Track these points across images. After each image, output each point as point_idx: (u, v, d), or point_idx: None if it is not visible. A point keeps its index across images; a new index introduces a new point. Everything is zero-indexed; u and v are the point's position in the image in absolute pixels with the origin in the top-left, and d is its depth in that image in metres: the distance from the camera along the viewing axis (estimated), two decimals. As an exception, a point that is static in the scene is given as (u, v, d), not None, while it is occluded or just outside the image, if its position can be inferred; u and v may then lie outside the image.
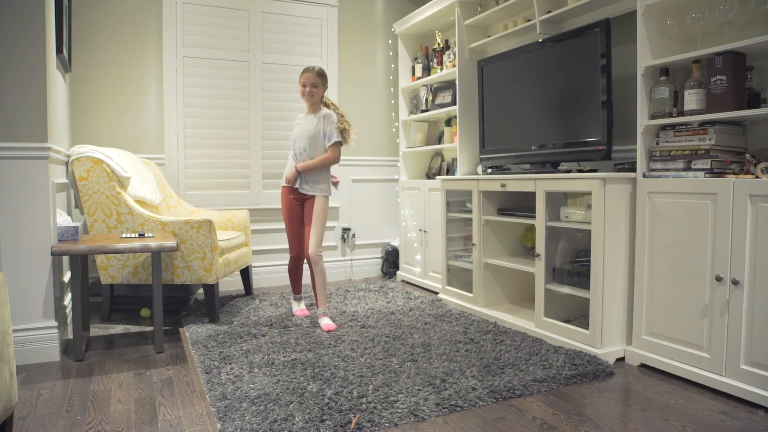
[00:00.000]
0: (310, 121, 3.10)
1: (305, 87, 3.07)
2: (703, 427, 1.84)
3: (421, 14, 4.13)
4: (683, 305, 2.24)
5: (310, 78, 3.07)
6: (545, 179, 2.74)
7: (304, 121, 3.15)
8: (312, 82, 3.06)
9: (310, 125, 3.09)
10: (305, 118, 3.15)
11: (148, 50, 3.88)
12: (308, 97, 3.08)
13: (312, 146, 3.08)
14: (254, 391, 2.09)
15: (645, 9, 2.38)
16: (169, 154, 3.96)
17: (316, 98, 3.10)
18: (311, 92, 3.07)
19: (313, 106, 3.12)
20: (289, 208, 3.16)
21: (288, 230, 3.20)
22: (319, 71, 3.08)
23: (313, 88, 3.07)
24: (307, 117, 3.14)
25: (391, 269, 4.61)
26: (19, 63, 2.40)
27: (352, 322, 3.10)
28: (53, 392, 2.14)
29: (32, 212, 2.45)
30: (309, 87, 3.06)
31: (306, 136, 3.08)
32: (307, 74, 3.07)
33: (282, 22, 4.26)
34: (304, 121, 3.14)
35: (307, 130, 3.09)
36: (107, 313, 3.20)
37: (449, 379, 2.20)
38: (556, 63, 2.92)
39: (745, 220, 2.00)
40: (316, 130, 3.08)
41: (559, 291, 2.75)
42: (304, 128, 3.11)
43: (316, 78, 3.07)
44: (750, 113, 2.04)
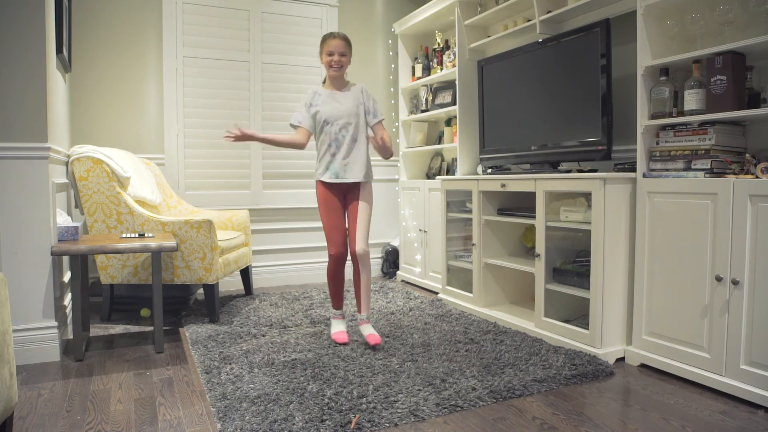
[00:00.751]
0: (345, 98, 2.68)
1: (332, 56, 2.62)
2: (703, 427, 1.84)
3: (421, 14, 4.13)
4: (683, 305, 2.24)
5: (338, 46, 2.62)
6: (545, 179, 2.74)
7: (332, 99, 2.68)
8: (341, 50, 2.63)
9: (348, 102, 2.67)
10: (333, 95, 2.69)
11: (148, 50, 3.88)
12: (336, 69, 2.64)
13: (355, 126, 2.66)
14: (254, 391, 2.09)
15: (645, 9, 2.38)
16: (169, 154, 3.96)
17: (344, 70, 2.67)
18: (340, 62, 2.63)
19: (338, 79, 2.69)
20: (328, 200, 2.69)
21: (328, 223, 2.68)
22: (345, 37, 2.67)
23: (341, 57, 2.63)
24: (334, 93, 2.69)
25: (391, 269, 4.61)
26: (19, 63, 2.40)
27: (352, 322, 3.10)
28: (53, 392, 2.14)
29: (32, 212, 2.45)
30: (337, 56, 2.62)
31: (346, 115, 2.64)
32: (335, 41, 2.63)
33: (282, 22, 4.27)
34: (333, 99, 2.68)
35: (346, 107, 2.66)
36: (107, 313, 3.20)
37: (449, 379, 2.20)
38: (556, 63, 2.92)
39: (745, 220, 2.00)
40: (356, 106, 2.67)
41: (559, 291, 2.75)
42: (340, 106, 2.65)
43: (344, 45, 2.65)
44: (750, 113, 2.04)
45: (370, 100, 2.73)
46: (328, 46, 2.63)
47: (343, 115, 2.65)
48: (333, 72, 2.65)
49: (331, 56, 2.63)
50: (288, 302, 3.59)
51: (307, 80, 4.36)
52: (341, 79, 2.71)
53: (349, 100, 2.68)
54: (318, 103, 2.68)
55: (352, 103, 2.67)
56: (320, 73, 4.41)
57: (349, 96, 2.69)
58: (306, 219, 4.40)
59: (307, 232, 4.42)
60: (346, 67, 2.68)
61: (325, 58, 2.65)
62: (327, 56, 2.64)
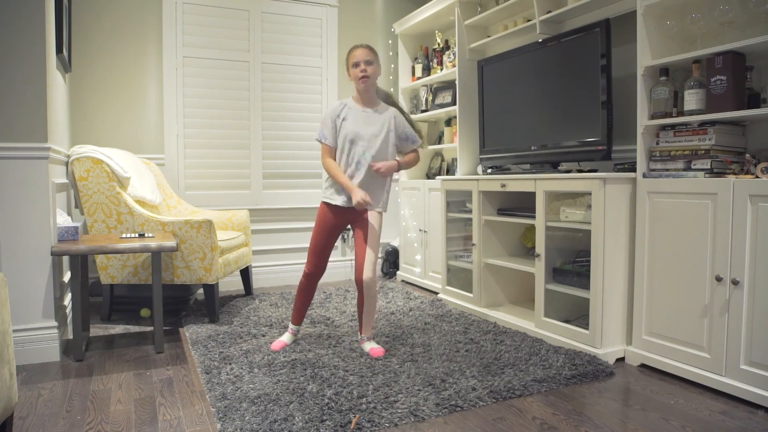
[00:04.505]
0: (372, 119, 2.50)
1: (358, 66, 2.44)
2: (703, 427, 1.84)
3: (421, 14, 4.13)
4: (683, 305, 2.24)
5: (362, 54, 2.45)
6: (545, 179, 2.74)
7: (360, 116, 2.50)
8: (366, 58, 2.44)
9: (374, 123, 2.49)
10: (361, 113, 2.51)
11: (148, 50, 3.88)
12: (363, 81, 2.45)
13: (380, 149, 2.48)
14: (254, 391, 2.09)
15: (645, 9, 2.38)
16: (169, 154, 3.96)
17: (373, 80, 2.48)
18: (366, 71, 2.44)
19: (367, 92, 2.50)
20: (328, 224, 2.55)
21: (314, 243, 2.57)
22: (368, 45, 2.50)
23: (368, 66, 2.44)
24: (364, 111, 2.51)
25: (391, 269, 4.61)
26: (19, 63, 2.40)
27: (352, 322, 3.10)
28: (53, 392, 2.14)
29: (32, 212, 2.45)
30: (363, 65, 2.44)
31: (369, 136, 2.47)
32: (357, 50, 2.46)
33: (282, 22, 4.27)
34: (360, 117, 2.50)
35: (375, 130, 2.48)
36: (107, 313, 3.20)
37: (449, 379, 2.20)
38: (556, 63, 2.92)
39: (745, 220, 2.00)
40: (382, 130, 2.50)
41: (559, 291, 2.74)
42: (366, 126, 2.48)
43: (369, 53, 2.46)
44: (750, 113, 2.04)
45: (404, 127, 2.55)
46: (352, 57, 2.48)
47: (370, 137, 2.46)
48: (362, 85, 2.46)
49: (357, 67, 2.46)
50: (288, 302, 3.59)
51: (307, 80, 4.36)
52: (371, 94, 2.53)
53: (378, 123, 2.49)
54: (347, 116, 2.49)
55: (381, 127, 2.49)
56: (320, 73, 4.42)
57: (379, 119, 2.50)
58: (306, 219, 4.40)
59: (307, 232, 4.42)
60: (375, 78, 2.49)
61: (352, 71, 2.48)
62: (353, 68, 2.47)
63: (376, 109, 2.53)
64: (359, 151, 2.46)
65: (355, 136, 2.46)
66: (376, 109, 2.53)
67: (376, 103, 2.56)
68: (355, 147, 2.47)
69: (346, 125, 2.48)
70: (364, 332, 2.61)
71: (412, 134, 2.58)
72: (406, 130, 2.57)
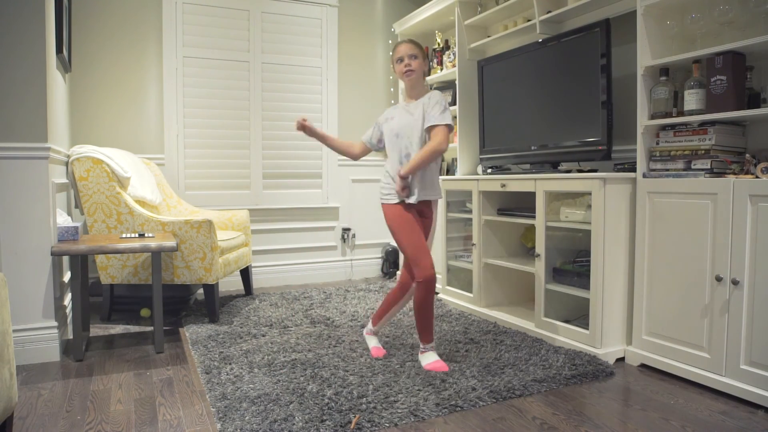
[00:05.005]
0: (412, 109, 2.38)
1: (402, 61, 2.35)
2: (703, 427, 1.84)
3: (421, 14, 4.13)
4: (683, 305, 2.24)
5: (407, 48, 2.35)
6: (545, 179, 2.74)
7: (405, 110, 2.40)
8: (410, 53, 2.34)
9: (415, 113, 2.36)
10: (404, 108, 2.41)
11: (148, 50, 3.88)
12: (408, 75, 2.35)
13: (420, 136, 2.35)
14: (254, 391, 2.09)
15: (645, 9, 2.38)
16: (169, 154, 3.96)
17: (418, 74, 2.36)
18: (410, 65, 2.33)
19: (414, 87, 2.39)
20: (407, 218, 2.35)
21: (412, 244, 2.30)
22: (412, 39, 2.41)
23: (412, 60, 2.34)
24: (408, 105, 2.41)
25: (391, 269, 4.61)
26: (19, 63, 2.40)
27: (352, 322, 3.10)
28: (53, 392, 2.14)
29: (32, 212, 2.45)
30: (407, 59, 2.34)
31: (408, 126, 2.36)
32: (401, 45, 2.37)
33: (282, 22, 4.26)
34: (405, 111, 2.40)
35: (410, 118, 2.37)
36: (107, 313, 3.20)
37: (449, 379, 2.20)
38: (556, 63, 2.92)
39: (745, 220, 2.00)
40: (416, 115, 2.35)
41: (559, 291, 2.74)
42: (410, 118, 2.37)
43: (414, 47, 2.36)
44: (750, 113, 2.04)
45: (435, 106, 2.32)
46: (397, 53, 2.38)
47: (408, 127, 2.36)
48: (406, 80, 2.38)
49: (401, 63, 2.36)
50: (288, 302, 3.59)
51: (307, 80, 4.36)
52: (419, 87, 2.40)
53: (419, 111, 2.36)
54: (394, 115, 2.43)
55: (421, 113, 2.35)
56: (320, 73, 4.42)
57: (419, 106, 2.36)
58: (306, 219, 4.40)
59: (307, 232, 4.42)
60: (420, 72, 2.37)
61: (397, 67, 2.39)
62: (397, 64, 2.38)
63: (420, 99, 2.39)
64: (404, 143, 2.37)
65: (397, 130, 2.38)
66: (420, 99, 2.39)
67: (421, 95, 2.41)
68: (400, 141, 2.38)
69: (392, 123, 2.42)
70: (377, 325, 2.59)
71: (430, 113, 2.32)
72: (428, 109, 2.34)
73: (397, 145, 2.39)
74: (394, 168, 2.39)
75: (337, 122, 4.48)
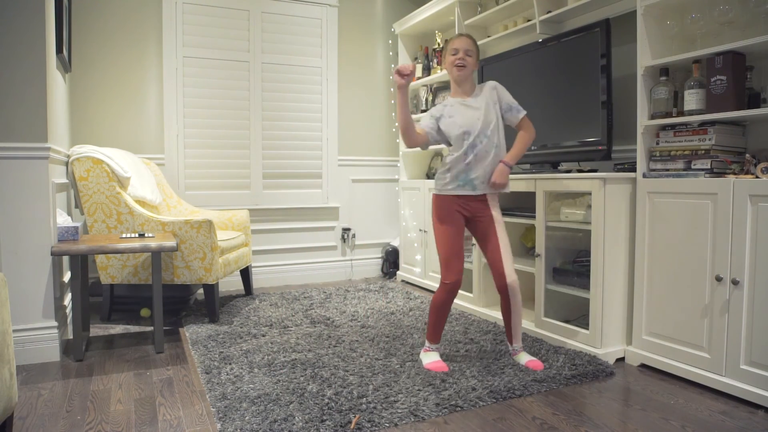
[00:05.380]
0: (472, 104, 2.36)
1: (456, 54, 2.34)
2: (703, 427, 1.84)
3: (421, 14, 4.13)
4: (683, 305, 2.24)
5: (464, 42, 2.34)
6: (545, 179, 2.74)
7: (464, 107, 2.36)
8: (466, 47, 2.33)
9: (475, 106, 2.35)
10: (461, 104, 2.37)
11: (148, 50, 3.88)
12: (459, 68, 2.33)
13: (492, 131, 2.33)
14: (254, 391, 2.09)
15: (645, 9, 2.38)
16: (169, 154, 3.96)
17: (469, 71, 2.35)
18: (464, 61, 2.33)
19: (465, 82, 2.38)
20: (452, 218, 2.34)
21: (448, 246, 2.32)
22: (471, 36, 2.39)
23: (467, 57, 2.33)
24: (465, 100, 2.38)
25: (391, 269, 4.61)
26: (19, 63, 2.40)
27: (352, 322, 3.10)
28: (53, 392, 2.14)
29: (32, 212, 2.45)
30: (462, 53, 2.33)
31: (474, 122, 2.32)
32: (459, 39, 2.35)
33: (282, 22, 4.26)
34: (465, 107, 2.36)
35: (481, 112, 2.33)
36: (107, 313, 3.20)
37: (449, 379, 2.20)
38: (556, 63, 2.92)
39: (745, 220, 2.00)
40: (482, 107, 2.34)
41: (559, 291, 2.74)
42: (476, 113, 2.34)
43: (472, 44, 2.35)
44: (750, 113, 2.04)
45: (505, 95, 2.38)
46: (452, 44, 2.36)
47: (475, 123, 2.32)
48: (456, 71, 2.34)
49: (455, 54, 2.34)
50: (288, 302, 3.59)
51: (307, 80, 4.36)
52: (468, 83, 2.39)
53: (482, 103, 2.35)
54: (450, 113, 2.37)
55: (486, 105, 2.35)
56: (320, 73, 4.42)
57: (478, 100, 2.36)
58: (306, 219, 4.40)
59: (307, 232, 4.42)
60: (472, 70, 2.36)
61: (449, 58, 2.36)
62: (451, 56, 2.35)
63: (475, 94, 2.39)
64: (471, 141, 2.32)
65: (463, 128, 2.32)
66: (475, 94, 2.39)
67: (473, 91, 2.41)
68: (467, 138, 2.32)
69: (453, 121, 2.35)
70: (515, 342, 2.42)
71: (515, 103, 2.37)
72: (507, 99, 2.37)
73: (465, 141, 2.33)
74: (459, 161, 2.34)
75: (337, 122, 4.48)
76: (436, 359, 2.37)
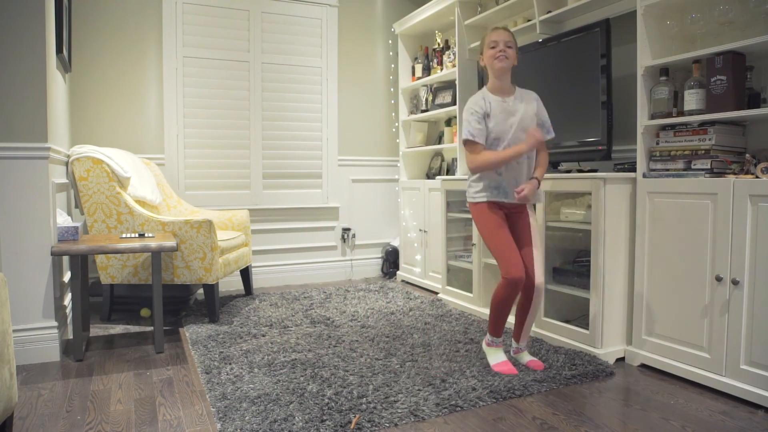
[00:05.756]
0: (513, 109, 2.31)
1: (495, 47, 2.26)
2: (703, 427, 1.84)
3: (421, 14, 4.13)
4: (683, 305, 2.24)
5: (503, 35, 2.27)
6: (545, 179, 2.74)
7: (504, 110, 2.31)
8: (505, 39, 2.26)
9: (521, 111, 2.31)
10: (501, 105, 2.31)
11: (148, 50, 3.88)
12: (501, 60, 2.26)
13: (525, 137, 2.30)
14: (254, 391, 2.09)
15: (645, 9, 2.38)
16: (169, 154, 3.96)
17: (510, 63, 2.28)
18: (506, 54, 2.26)
19: (505, 76, 2.31)
20: (496, 218, 2.31)
21: (501, 243, 2.27)
22: (509, 29, 2.34)
23: (507, 49, 2.26)
24: (504, 102, 2.32)
25: (391, 269, 4.61)
26: (19, 63, 2.40)
27: (352, 322, 3.10)
28: (53, 392, 2.14)
29: (32, 212, 2.45)
30: (502, 45, 2.25)
31: (514, 128, 2.29)
32: (497, 31, 2.29)
33: (282, 22, 4.27)
34: (504, 110, 2.31)
35: (520, 119, 2.30)
36: (107, 313, 3.20)
37: (449, 379, 2.20)
38: (556, 63, 2.92)
39: (745, 220, 2.00)
40: (525, 115, 2.31)
41: (559, 291, 2.74)
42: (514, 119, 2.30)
43: (512, 37, 2.29)
44: (750, 113, 2.04)
45: (544, 112, 2.37)
46: (491, 37, 2.29)
47: (517, 129, 2.28)
48: (498, 63, 2.25)
49: (493, 48, 2.26)
50: (288, 302, 3.59)
51: (307, 80, 4.36)
52: (508, 78, 2.32)
53: (521, 110, 2.31)
54: (489, 111, 2.30)
55: (527, 114, 2.31)
56: (320, 73, 4.42)
57: (522, 104, 2.32)
58: (306, 219, 4.40)
59: (307, 232, 4.42)
60: (511, 63, 2.29)
61: (488, 52, 2.29)
62: (489, 49, 2.28)
63: (515, 96, 2.34)
64: (506, 144, 2.29)
65: (500, 132, 2.29)
66: (515, 96, 2.34)
67: (513, 91, 2.35)
68: (500, 144, 2.30)
69: (490, 122, 2.30)
70: (522, 341, 2.41)
71: (548, 123, 2.35)
72: (545, 116, 2.35)
73: (497, 147, 2.31)
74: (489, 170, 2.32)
75: (337, 122, 4.48)
76: (504, 359, 2.36)
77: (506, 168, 2.30)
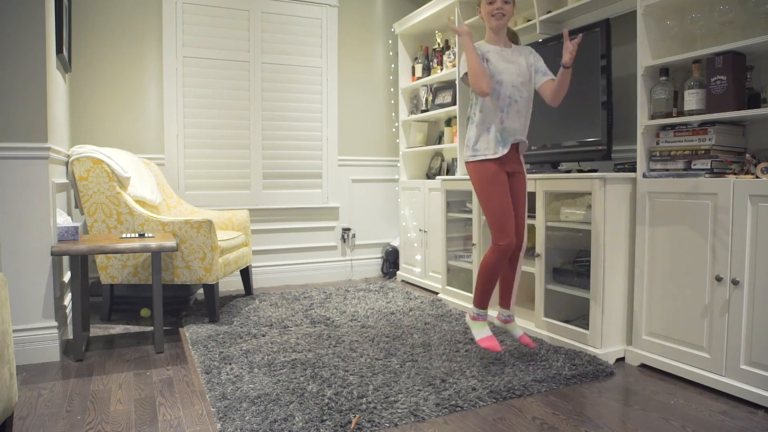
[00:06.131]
0: (513, 58, 2.35)
1: (493, 4, 2.30)
2: (703, 427, 1.84)
3: (421, 14, 4.13)
4: (683, 305, 2.24)
5: None
6: (545, 179, 2.74)
7: (502, 57, 2.34)
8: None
9: (520, 60, 2.35)
10: (502, 53, 2.35)
11: (148, 50, 3.88)
12: (498, 18, 2.30)
13: (528, 89, 2.35)
14: (254, 391, 2.09)
15: (645, 9, 2.38)
16: (169, 154, 3.96)
17: (507, 19, 2.33)
18: (503, 10, 2.29)
19: (501, 31, 2.37)
20: (498, 176, 2.31)
21: (499, 206, 2.28)
22: None
23: (505, 5, 2.30)
24: (502, 51, 2.35)
25: (391, 269, 4.61)
26: (19, 63, 2.40)
27: (352, 322, 3.10)
28: (53, 392, 2.14)
29: (32, 212, 2.45)
30: (500, 2, 2.29)
31: (520, 79, 2.33)
32: None
33: (282, 22, 4.26)
34: (503, 58, 2.34)
35: (519, 66, 2.34)
36: (107, 313, 3.20)
37: (449, 379, 2.20)
38: (556, 63, 2.92)
39: (745, 220, 2.00)
40: (527, 68, 2.35)
41: (559, 291, 2.74)
42: (513, 66, 2.33)
43: None
44: (750, 113, 2.04)
45: (539, 60, 2.37)
46: None
47: (517, 76, 2.31)
48: (495, 21, 2.31)
49: (492, 4, 2.30)
50: (288, 302, 3.59)
51: (307, 80, 4.36)
52: (503, 33, 2.38)
53: (520, 59, 2.35)
54: (488, 57, 2.32)
55: (524, 62, 2.35)
56: (320, 73, 4.42)
57: (519, 55, 2.36)
58: (306, 219, 4.40)
59: (307, 232, 4.42)
60: (508, 20, 2.34)
61: (486, 7, 2.33)
62: (488, 5, 2.32)
63: (513, 48, 2.39)
64: (507, 92, 2.31)
65: (502, 76, 2.30)
66: (513, 48, 2.39)
67: (509, 45, 2.41)
68: (502, 88, 2.31)
69: (490, 66, 2.31)
70: (511, 307, 2.46)
71: (542, 67, 2.38)
72: (539, 64, 2.38)
73: (499, 92, 2.31)
74: (490, 117, 2.33)
75: (337, 122, 4.48)
76: (489, 334, 2.37)
77: (507, 118, 2.32)
